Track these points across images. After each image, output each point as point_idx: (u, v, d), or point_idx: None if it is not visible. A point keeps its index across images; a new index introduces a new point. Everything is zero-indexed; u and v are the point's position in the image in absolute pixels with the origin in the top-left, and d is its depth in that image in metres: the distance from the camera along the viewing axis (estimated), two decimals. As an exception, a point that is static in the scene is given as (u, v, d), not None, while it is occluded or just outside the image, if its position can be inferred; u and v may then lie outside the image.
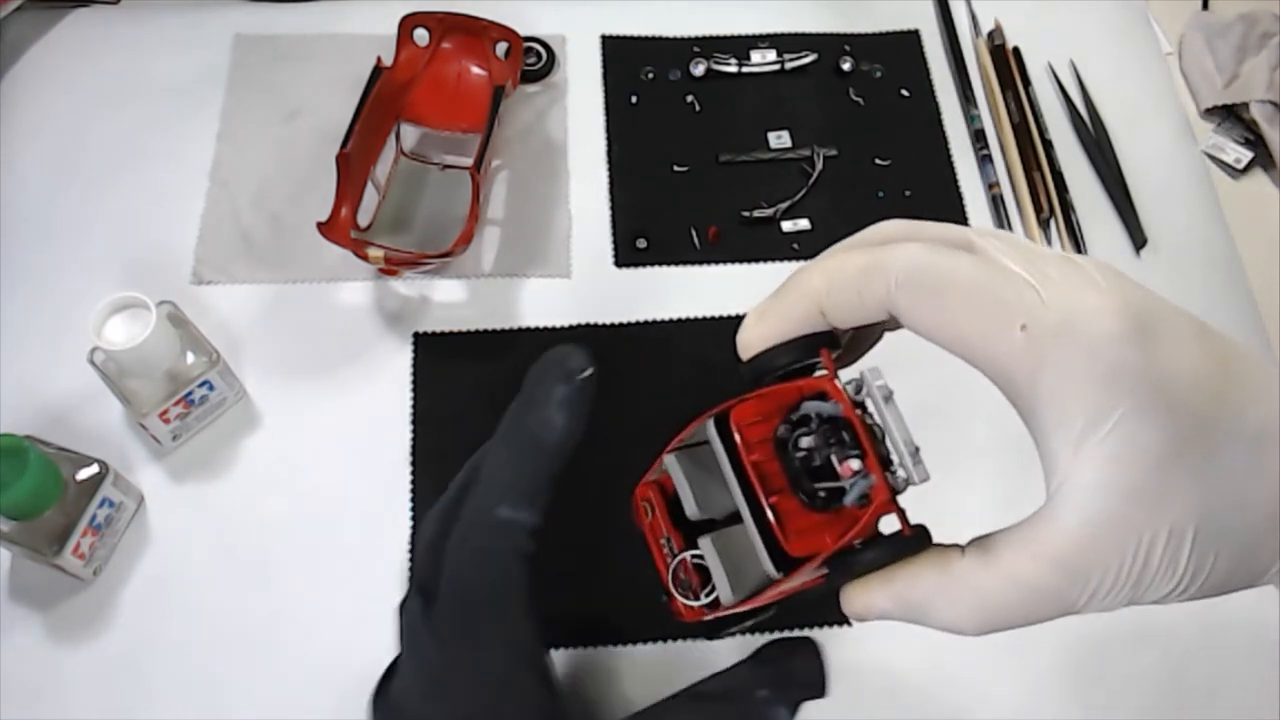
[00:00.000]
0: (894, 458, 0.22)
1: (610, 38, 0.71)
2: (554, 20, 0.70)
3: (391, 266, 0.58)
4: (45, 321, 0.58)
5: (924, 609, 0.23)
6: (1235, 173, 0.69)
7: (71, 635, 0.50)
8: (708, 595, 0.25)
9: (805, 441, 0.23)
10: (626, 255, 0.63)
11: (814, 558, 0.22)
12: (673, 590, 0.26)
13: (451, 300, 0.61)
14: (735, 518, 0.24)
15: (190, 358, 0.52)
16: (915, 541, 0.22)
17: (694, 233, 0.64)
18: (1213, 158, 0.69)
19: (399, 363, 0.58)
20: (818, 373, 0.24)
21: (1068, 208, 0.66)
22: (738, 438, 0.23)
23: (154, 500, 0.54)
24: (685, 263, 0.63)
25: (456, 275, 0.61)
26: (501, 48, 0.63)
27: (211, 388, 0.53)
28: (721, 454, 0.24)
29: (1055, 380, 0.20)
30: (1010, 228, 0.65)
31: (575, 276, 0.62)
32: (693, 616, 0.26)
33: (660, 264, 0.63)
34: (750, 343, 0.24)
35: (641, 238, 0.63)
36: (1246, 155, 0.69)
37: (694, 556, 0.26)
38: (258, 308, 0.59)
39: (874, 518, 0.22)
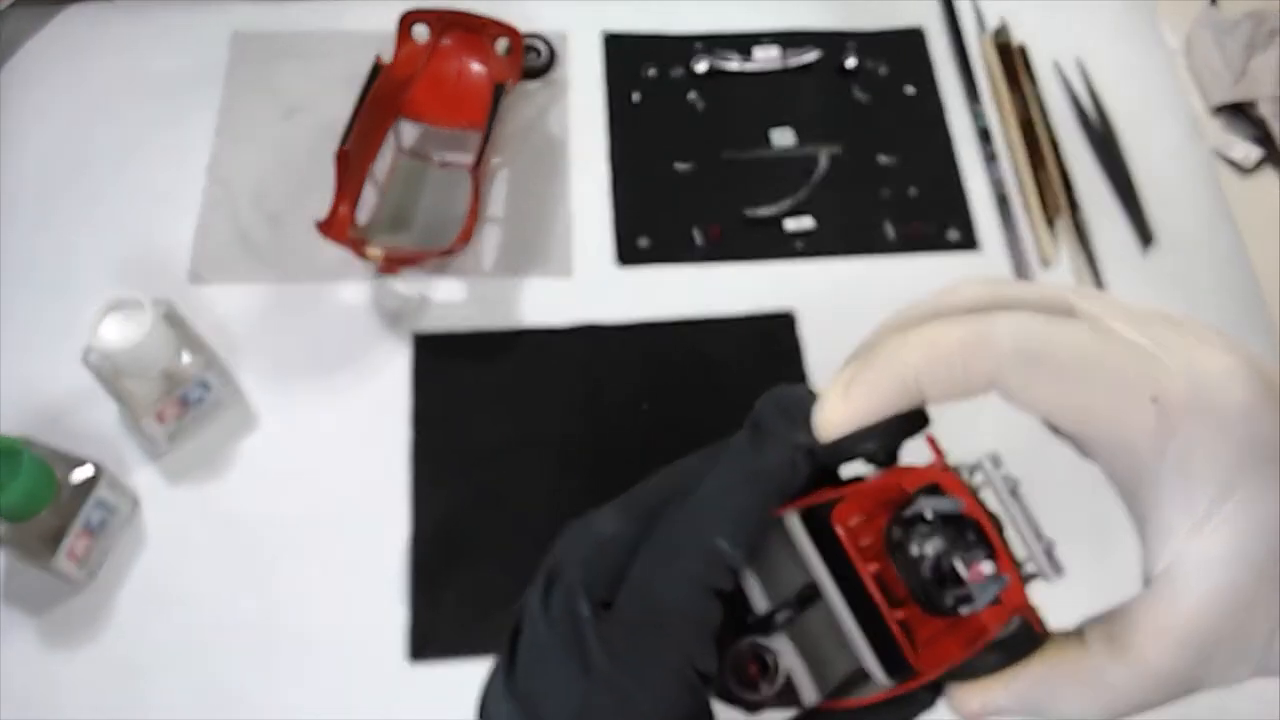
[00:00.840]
0: (1023, 553, 0.20)
1: (612, 35, 0.70)
2: (555, 17, 0.70)
3: (391, 265, 0.57)
4: (40, 321, 0.57)
5: (1048, 705, 0.21)
6: (1243, 170, 0.68)
7: (66, 638, 0.50)
8: (770, 687, 0.23)
9: (930, 547, 0.21)
10: (628, 254, 0.62)
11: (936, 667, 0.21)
12: (735, 691, 0.23)
13: (451, 300, 0.60)
14: (802, 599, 0.22)
15: (187, 358, 0.52)
16: (1038, 639, 0.21)
17: (696, 231, 0.63)
18: (1221, 155, 0.69)
19: (398, 362, 0.58)
20: (915, 462, 0.22)
21: (1074, 206, 0.65)
22: (848, 544, 0.21)
23: (150, 502, 0.53)
24: (687, 262, 0.62)
25: (456, 274, 0.60)
26: (502, 44, 0.63)
27: (208, 388, 0.52)
28: (814, 558, 0.21)
29: (1184, 453, 0.19)
30: (1016, 227, 0.64)
31: (576, 275, 0.61)
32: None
33: (662, 263, 0.62)
34: (835, 424, 0.22)
35: (643, 236, 0.63)
36: (1255, 152, 0.68)
37: (753, 645, 0.23)
38: (256, 307, 0.59)
39: (1004, 621, 0.20)
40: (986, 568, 0.20)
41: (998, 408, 0.21)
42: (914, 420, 0.22)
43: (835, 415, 0.22)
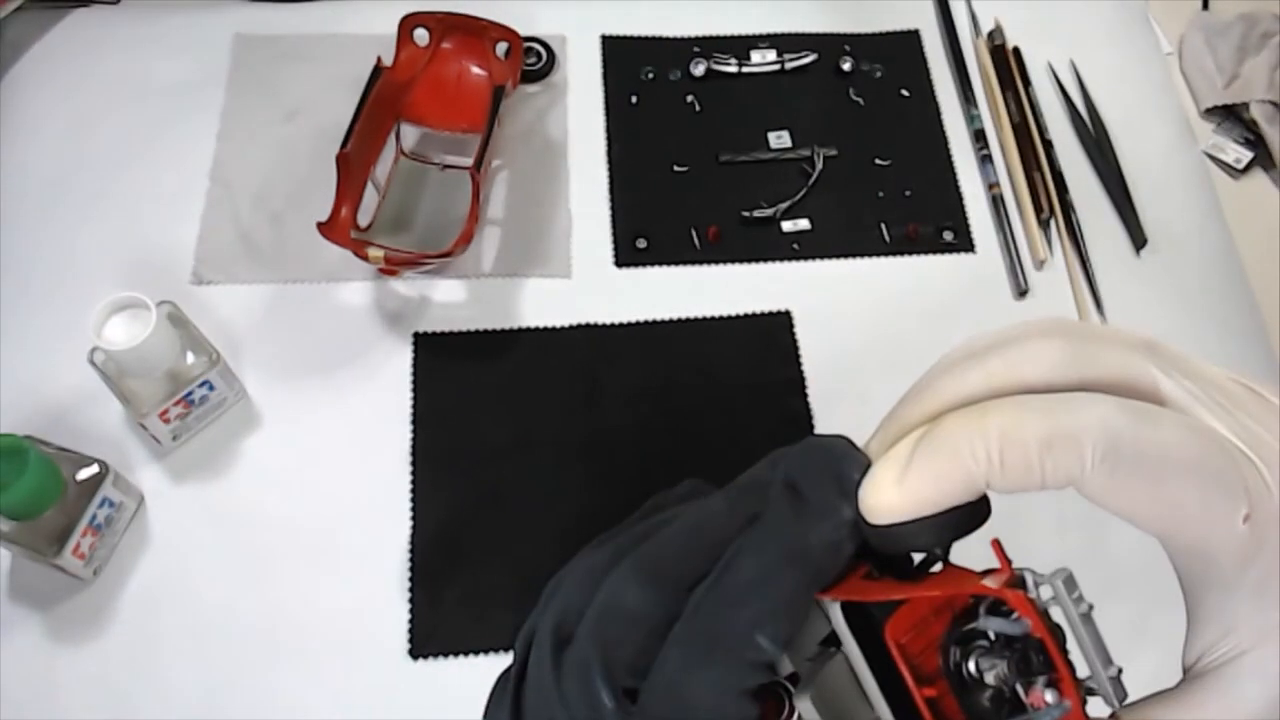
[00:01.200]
0: (1088, 680, 0.19)
1: (610, 38, 0.71)
2: (554, 20, 0.70)
3: (391, 266, 0.58)
4: (45, 321, 0.58)
5: None
6: (1235, 173, 0.69)
7: (71, 635, 0.50)
8: None
9: (991, 675, 0.19)
10: (626, 255, 0.63)
11: None
12: None
13: (451, 300, 0.61)
14: (822, 651, 0.21)
15: (190, 358, 0.52)
16: None
17: (694, 233, 0.64)
18: (1213, 158, 0.69)
19: (399, 362, 0.58)
20: (974, 565, 0.20)
21: (1068, 208, 0.66)
22: (904, 668, 0.19)
23: (154, 500, 0.53)
24: (685, 263, 0.63)
25: (456, 275, 0.61)
26: (502, 48, 0.63)
27: (211, 388, 0.53)
28: (863, 667, 0.20)
29: (1269, 565, 0.18)
30: (1010, 228, 0.65)
31: (575, 276, 0.62)
32: None
33: (660, 264, 0.63)
34: (887, 509, 0.19)
35: (641, 238, 0.63)
36: (1246, 155, 0.69)
37: (774, 684, 0.22)
38: (258, 308, 0.59)
39: None
40: (1050, 696, 0.19)
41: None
42: (976, 514, 0.20)
43: (888, 503, 0.19)
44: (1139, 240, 0.65)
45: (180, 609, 0.51)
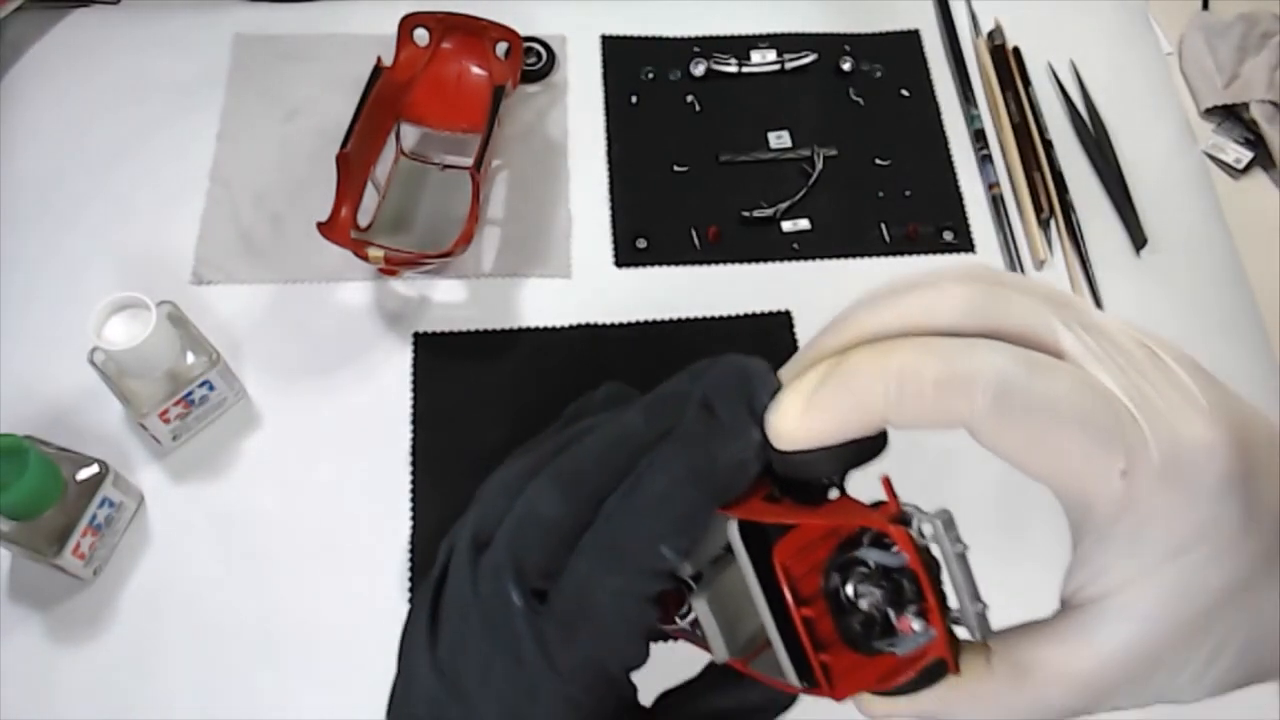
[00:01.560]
0: (956, 613, 0.20)
1: (610, 38, 0.71)
2: (554, 20, 0.70)
3: (391, 266, 0.58)
4: (45, 321, 0.58)
5: (945, 717, 0.22)
6: (1235, 173, 0.69)
7: (71, 635, 0.50)
8: (682, 621, 0.23)
9: (866, 600, 0.20)
10: (626, 255, 0.63)
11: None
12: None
13: (451, 300, 0.61)
14: (719, 559, 0.22)
15: (190, 358, 0.52)
16: (945, 668, 0.21)
17: (694, 233, 0.64)
18: (1213, 158, 0.69)
19: (399, 363, 0.58)
20: (864, 498, 0.21)
21: (1068, 208, 0.66)
22: (785, 588, 0.20)
23: (154, 500, 0.54)
24: (685, 263, 0.63)
25: (456, 275, 0.61)
26: (502, 48, 0.63)
27: (212, 388, 0.53)
28: (753, 580, 0.21)
29: (1141, 518, 0.19)
30: (1010, 228, 0.65)
31: (575, 276, 0.62)
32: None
33: (660, 264, 0.63)
34: (791, 436, 0.20)
35: (641, 238, 0.63)
36: (1246, 155, 0.69)
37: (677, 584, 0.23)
38: (258, 308, 0.59)
39: (922, 664, 0.20)
40: (917, 625, 0.20)
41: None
42: (873, 447, 0.21)
43: (792, 430, 0.21)
44: (1139, 240, 0.65)
45: (180, 609, 0.51)
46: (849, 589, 0.21)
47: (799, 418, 0.20)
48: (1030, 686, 0.21)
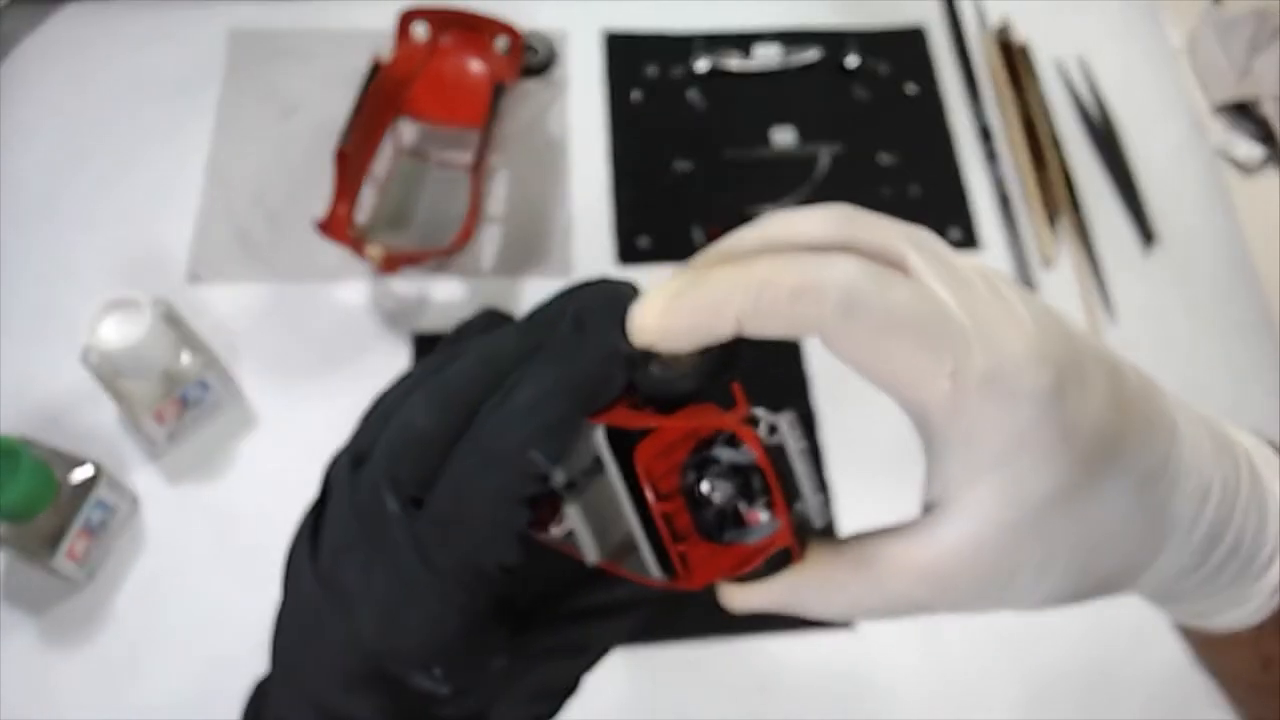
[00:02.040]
0: (800, 505, 0.22)
1: (612, 33, 0.70)
2: (555, 15, 0.69)
3: (390, 264, 0.57)
4: (39, 321, 0.57)
5: (799, 607, 0.24)
6: (1246, 169, 0.68)
7: (66, 638, 0.50)
8: (557, 529, 0.25)
9: (718, 493, 0.23)
10: (628, 253, 0.62)
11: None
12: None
13: (451, 299, 0.60)
14: (591, 469, 0.24)
15: (186, 357, 0.52)
16: (790, 557, 0.23)
17: (696, 230, 0.63)
18: (1224, 155, 0.69)
19: (398, 362, 0.58)
20: (718, 406, 0.23)
21: (1076, 205, 0.65)
22: (649, 491, 0.22)
23: (149, 502, 0.53)
24: (687, 261, 0.62)
25: (456, 274, 0.60)
26: (501, 43, 0.63)
27: (207, 388, 0.52)
28: (618, 482, 0.23)
29: (968, 424, 0.21)
30: (1018, 226, 0.64)
31: (576, 275, 0.61)
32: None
33: (662, 262, 0.62)
34: (649, 334, 0.22)
35: (643, 236, 0.63)
36: (1258, 152, 0.68)
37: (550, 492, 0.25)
38: (255, 307, 0.59)
39: (770, 552, 0.23)
40: (764, 516, 0.22)
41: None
42: (730, 359, 0.23)
43: (651, 324, 0.22)
44: (1148, 237, 0.64)
45: (175, 611, 0.51)
46: (704, 485, 0.23)
47: (659, 316, 0.22)
48: (874, 576, 0.23)
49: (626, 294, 0.24)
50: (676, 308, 0.22)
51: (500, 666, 0.25)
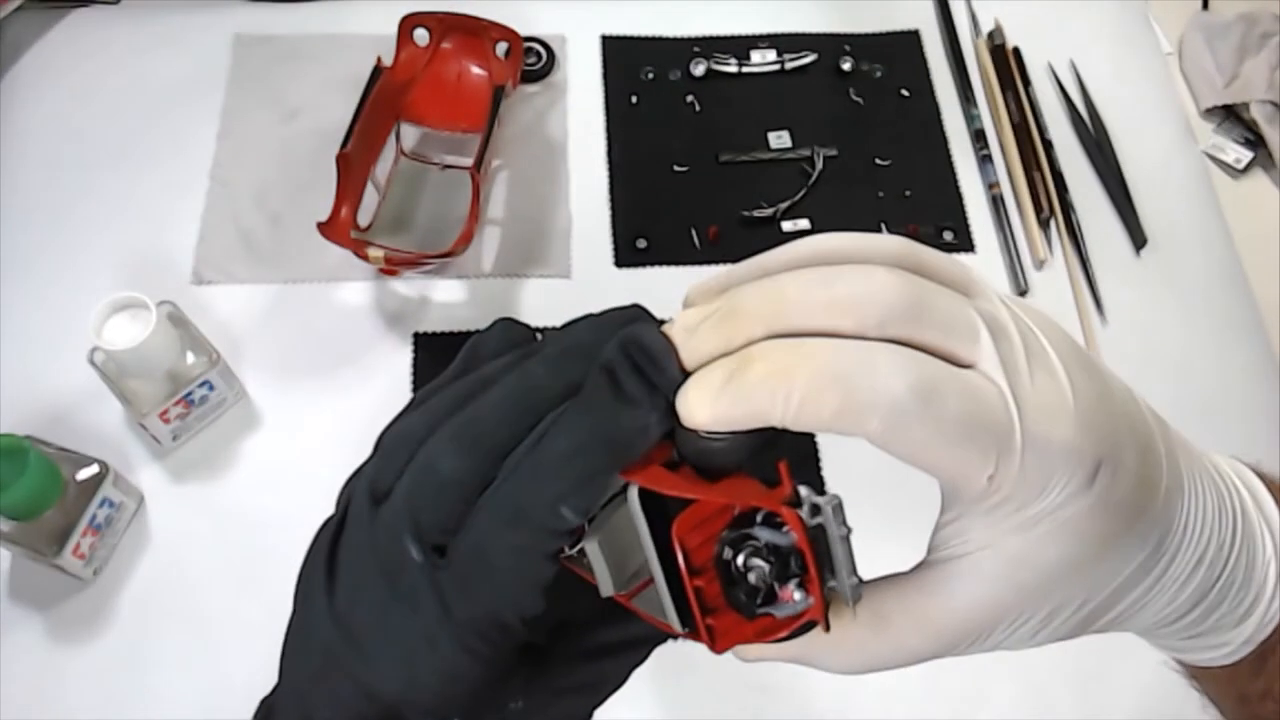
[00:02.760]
0: (834, 583, 0.22)
1: (610, 38, 0.71)
2: (554, 20, 0.70)
3: (392, 266, 0.58)
4: (45, 321, 0.58)
5: (811, 661, 0.24)
6: (1235, 173, 0.69)
7: (71, 635, 0.50)
8: (569, 550, 0.24)
9: (754, 574, 0.22)
10: (627, 255, 0.63)
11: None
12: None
13: (451, 300, 0.61)
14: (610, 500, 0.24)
15: (190, 358, 0.52)
16: (815, 625, 0.23)
17: (694, 233, 0.64)
18: (1213, 158, 0.69)
19: (399, 363, 0.58)
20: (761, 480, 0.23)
21: (1068, 208, 0.66)
22: (681, 562, 0.22)
23: (154, 500, 0.53)
24: (685, 263, 0.63)
25: (456, 275, 0.61)
26: (501, 48, 0.63)
27: (212, 388, 0.53)
28: (648, 543, 0.22)
29: (1001, 499, 0.21)
30: (1010, 228, 0.65)
31: (575, 276, 0.62)
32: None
33: (660, 264, 0.63)
34: (695, 420, 0.21)
35: (641, 238, 0.63)
36: (1246, 155, 0.69)
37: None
38: (258, 308, 0.59)
39: (798, 624, 0.22)
40: (798, 595, 0.22)
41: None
42: (776, 437, 0.22)
43: (697, 413, 0.21)
44: (1139, 240, 0.65)
45: (180, 609, 0.51)
46: (739, 561, 0.22)
47: (706, 408, 0.21)
48: (889, 633, 0.23)
49: (661, 349, 0.22)
50: (725, 401, 0.21)
51: (517, 709, 0.25)
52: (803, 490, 0.22)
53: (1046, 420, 0.21)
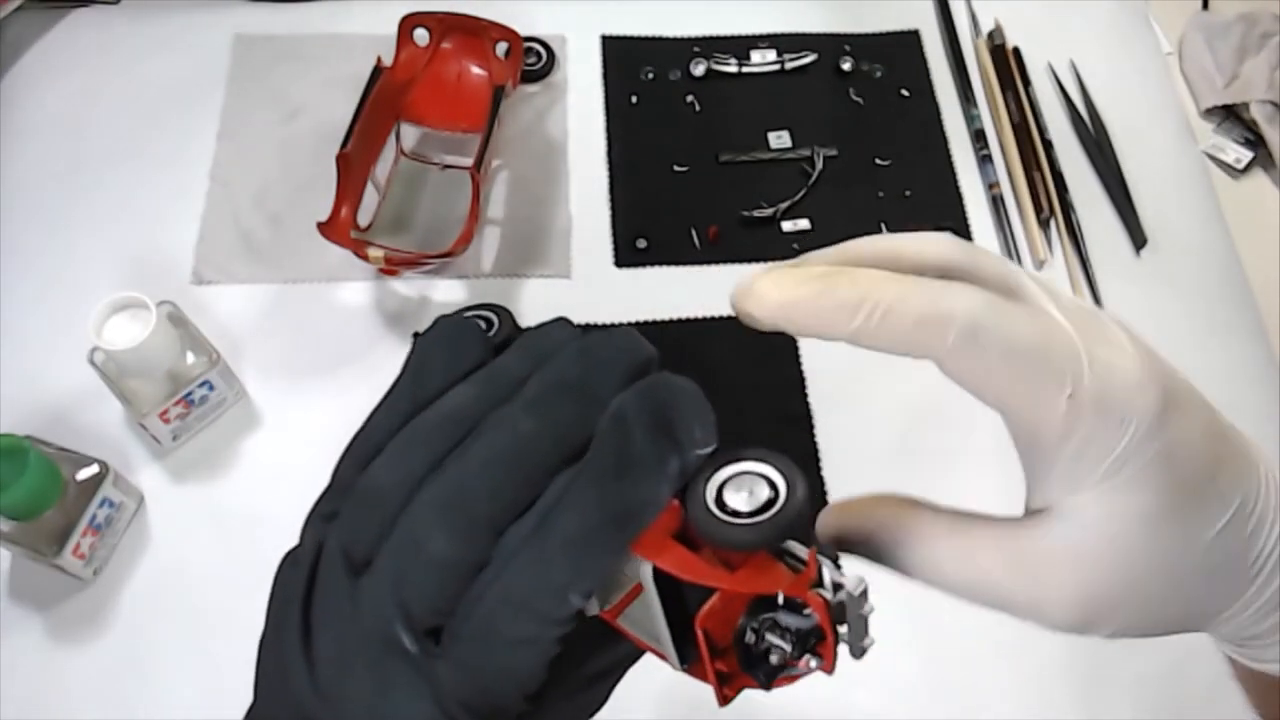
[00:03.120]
0: (846, 643, 0.22)
1: (610, 38, 0.71)
2: (554, 20, 0.70)
3: (392, 267, 0.58)
4: (45, 321, 0.58)
5: (883, 537, 0.24)
6: (1235, 173, 0.69)
7: (71, 635, 0.50)
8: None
9: (776, 655, 0.22)
10: (626, 255, 0.63)
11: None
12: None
13: (451, 300, 0.61)
14: None
15: (190, 358, 0.52)
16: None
17: (694, 233, 0.64)
18: (1213, 158, 0.69)
19: (399, 363, 0.58)
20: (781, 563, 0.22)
21: (1067, 207, 0.66)
22: (705, 652, 0.21)
23: (154, 500, 0.54)
24: (685, 263, 0.63)
25: (456, 275, 0.61)
26: (502, 48, 0.63)
27: (211, 388, 0.53)
28: (661, 625, 0.21)
29: (1081, 441, 0.22)
30: (1010, 228, 0.65)
31: (575, 276, 0.62)
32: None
33: (660, 264, 0.63)
34: (767, 304, 0.22)
35: (641, 238, 0.63)
36: (1246, 155, 0.69)
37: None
38: (258, 308, 0.59)
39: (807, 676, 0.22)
40: (814, 663, 0.22)
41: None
42: (807, 531, 0.22)
43: (771, 299, 0.22)
44: (1139, 240, 0.65)
45: (180, 609, 0.51)
46: (759, 642, 0.22)
47: (782, 291, 0.22)
48: (966, 544, 0.23)
49: (682, 401, 0.21)
50: (802, 294, 0.22)
51: None
52: (827, 574, 0.21)
53: (1108, 352, 0.22)
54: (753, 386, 0.59)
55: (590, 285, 0.62)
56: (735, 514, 0.21)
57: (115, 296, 0.49)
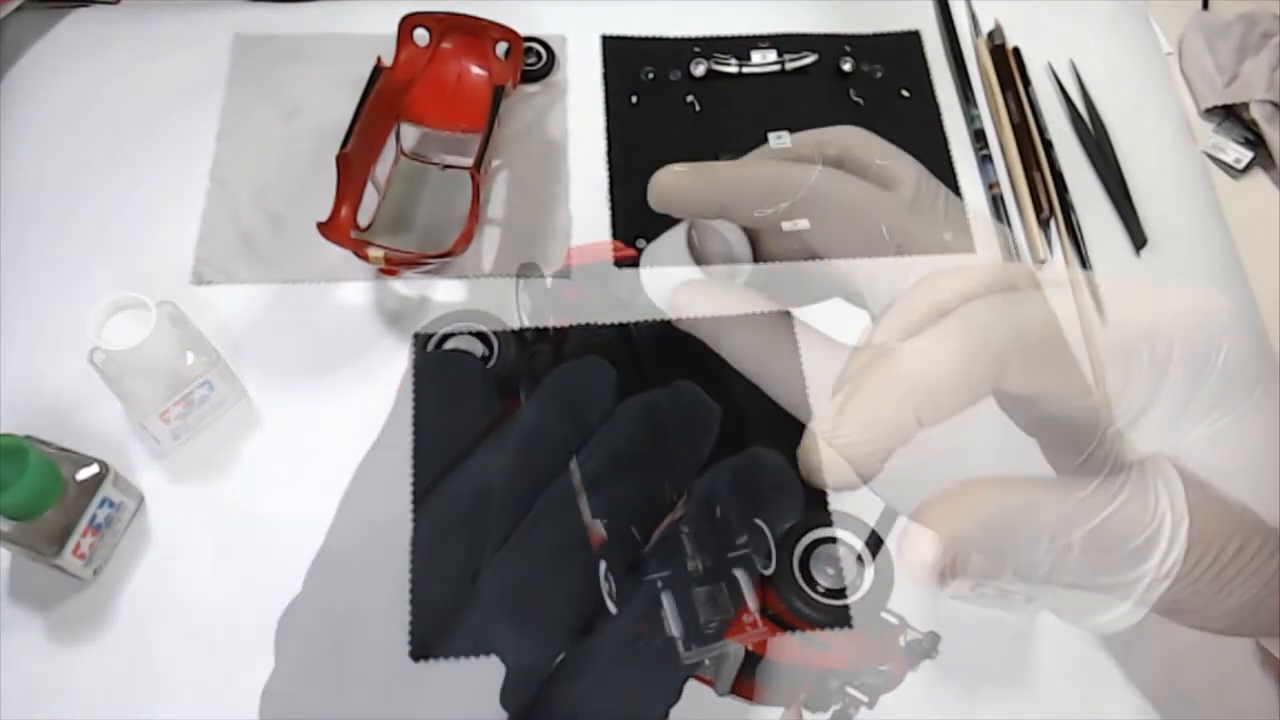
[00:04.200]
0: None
1: (610, 38, 0.71)
2: (554, 20, 0.70)
3: (392, 267, 0.58)
4: (45, 321, 0.58)
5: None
6: (1235, 173, 0.69)
7: (71, 635, 0.50)
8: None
9: (852, 710, 0.23)
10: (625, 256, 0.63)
11: None
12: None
13: (451, 300, 0.61)
14: None
15: (190, 358, 0.52)
16: None
17: (694, 233, 0.64)
18: (1213, 158, 0.70)
19: (399, 363, 0.58)
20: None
21: (1068, 208, 0.66)
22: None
23: (154, 500, 0.54)
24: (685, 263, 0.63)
25: (456, 275, 0.61)
26: (502, 48, 0.63)
27: (212, 388, 0.53)
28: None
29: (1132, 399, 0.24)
30: (1010, 228, 0.65)
31: (575, 276, 0.62)
32: None
33: (660, 264, 0.63)
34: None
35: (641, 238, 0.63)
36: (1246, 155, 0.69)
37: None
38: (258, 308, 0.59)
39: None
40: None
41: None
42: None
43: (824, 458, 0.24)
44: (1139, 240, 0.65)
45: (180, 609, 0.51)
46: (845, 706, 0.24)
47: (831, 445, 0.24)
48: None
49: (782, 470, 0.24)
50: (846, 433, 0.24)
51: None
52: (906, 637, 0.22)
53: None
54: (753, 386, 0.59)
55: (590, 285, 0.62)
56: (826, 592, 0.22)
57: (115, 297, 0.49)
